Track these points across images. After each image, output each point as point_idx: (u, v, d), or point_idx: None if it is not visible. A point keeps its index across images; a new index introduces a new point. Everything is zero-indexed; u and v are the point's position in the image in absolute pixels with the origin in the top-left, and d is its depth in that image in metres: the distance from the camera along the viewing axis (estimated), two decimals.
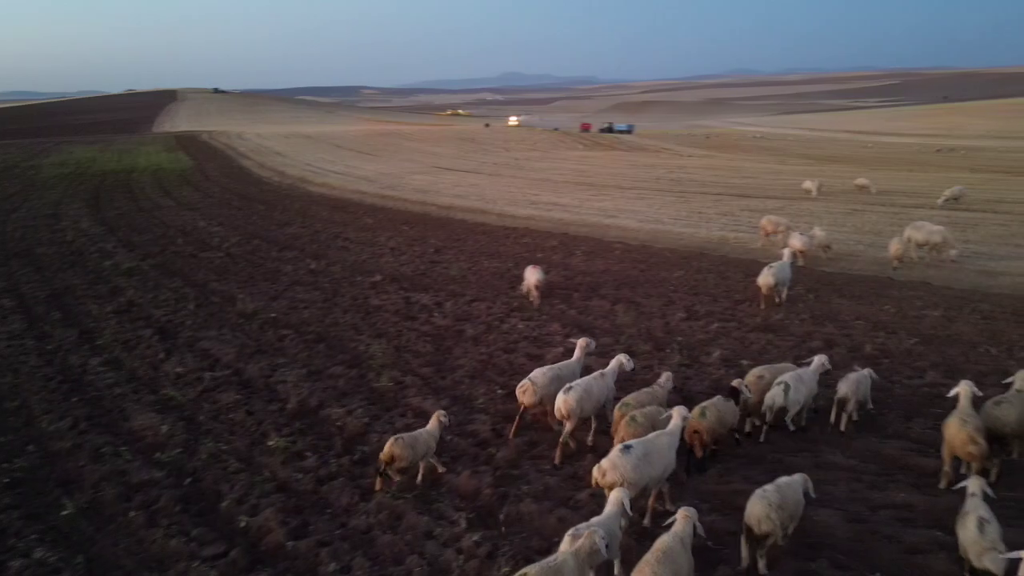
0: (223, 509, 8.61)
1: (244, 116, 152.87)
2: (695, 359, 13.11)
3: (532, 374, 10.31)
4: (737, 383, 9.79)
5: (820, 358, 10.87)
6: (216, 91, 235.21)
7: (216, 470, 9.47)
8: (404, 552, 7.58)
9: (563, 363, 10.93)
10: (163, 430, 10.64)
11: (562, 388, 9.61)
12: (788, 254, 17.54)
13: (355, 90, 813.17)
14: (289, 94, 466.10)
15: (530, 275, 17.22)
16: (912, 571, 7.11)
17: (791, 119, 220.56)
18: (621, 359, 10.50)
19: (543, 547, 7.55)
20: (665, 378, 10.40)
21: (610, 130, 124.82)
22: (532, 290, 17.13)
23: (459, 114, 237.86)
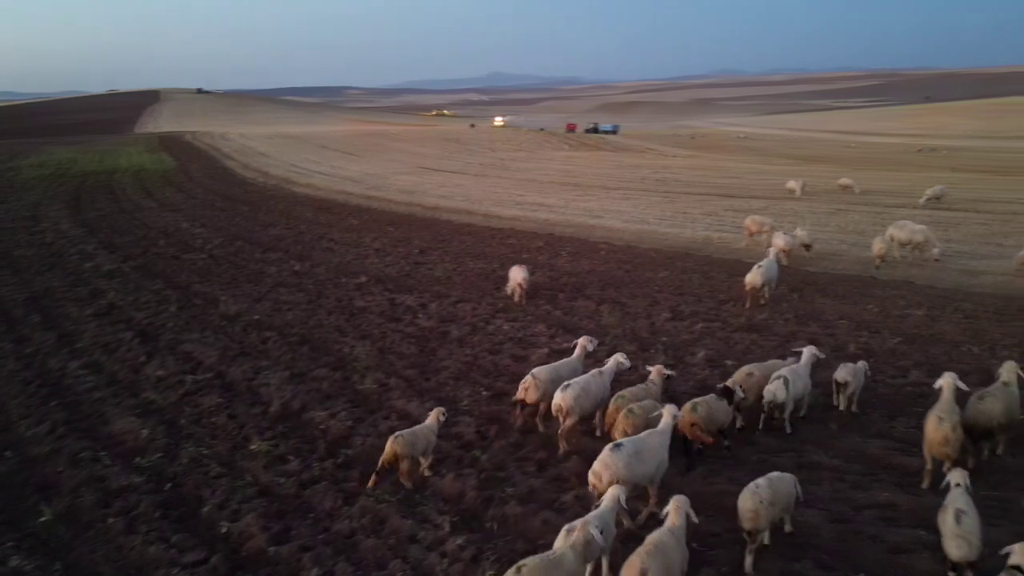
0: (204, 514, 8.50)
1: (228, 116, 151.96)
2: (680, 359, 13.10)
3: (534, 370, 10.43)
4: (732, 384, 9.83)
5: (809, 349, 11.04)
6: (200, 91, 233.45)
7: (197, 475, 9.35)
8: (387, 557, 7.51)
9: (564, 361, 11.09)
10: (143, 434, 10.48)
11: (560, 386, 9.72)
12: (773, 253, 17.90)
13: (340, 90, 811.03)
14: (273, 94, 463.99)
15: (515, 274, 17.22)
16: (896, 571, 7.12)
17: (775, 119, 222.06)
18: (618, 358, 10.62)
19: (528, 550, 7.49)
20: (655, 373, 10.40)
21: (595, 130, 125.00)
22: (516, 289, 17.11)
23: (444, 114, 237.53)
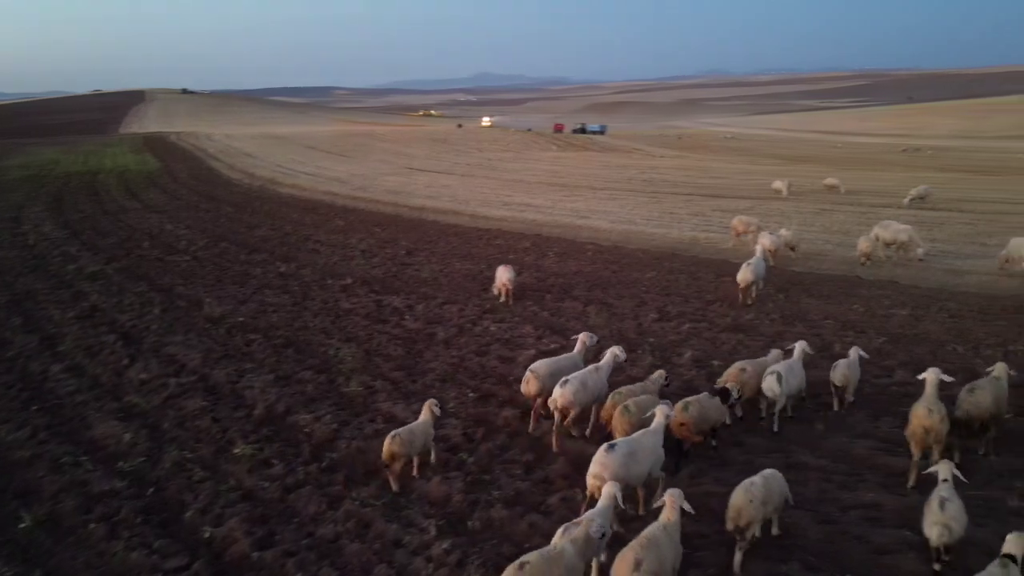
0: (187, 519, 8.40)
1: (213, 117, 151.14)
2: (667, 360, 13.09)
3: (533, 365, 10.54)
4: (729, 385, 9.91)
5: (800, 344, 11.21)
6: (185, 91, 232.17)
7: (180, 479, 9.25)
8: (372, 561, 7.44)
9: (564, 356, 11.21)
10: (126, 439, 10.38)
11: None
12: (760, 250, 18.30)
13: (327, 90, 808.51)
14: (260, 95, 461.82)
15: (501, 274, 17.21)
16: (881, 571, 7.13)
17: (762, 119, 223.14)
18: (615, 351, 10.67)
19: (514, 553, 7.43)
20: (658, 374, 10.57)
21: (583, 131, 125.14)
22: (502, 289, 17.09)
23: (431, 115, 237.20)
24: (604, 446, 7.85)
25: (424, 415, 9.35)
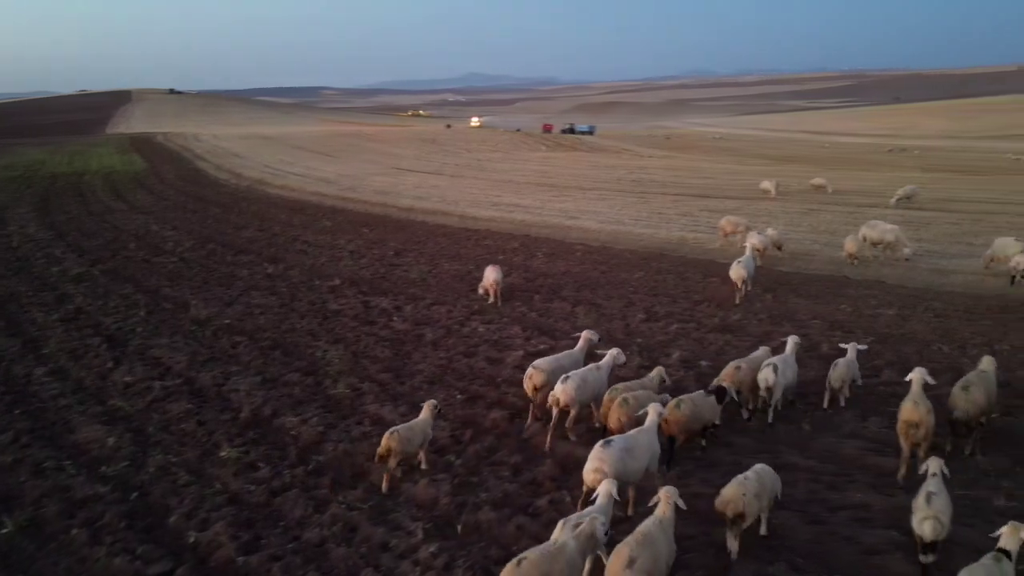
0: (171, 524, 8.30)
1: (201, 117, 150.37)
2: (655, 361, 13.04)
3: (536, 361, 10.70)
4: (727, 385, 10.01)
5: (792, 339, 11.48)
6: (172, 92, 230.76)
7: (164, 483, 9.15)
8: (359, 565, 7.38)
9: (566, 352, 11.37)
10: (109, 442, 10.26)
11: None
12: (750, 249, 18.73)
13: (315, 91, 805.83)
14: (247, 95, 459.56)
15: (489, 274, 17.18)
16: (870, 572, 7.12)
17: (750, 120, 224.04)
18: (614, 352, 10.84)
19: (501, 556, 7.40)
20: (656, 372, 10.73)
21: (572, 131, 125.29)
22: (491, 289, 17.04)
23: (420, 115, 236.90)
24: (601, 442, 7.95)
25: (424, 414, 9.43)
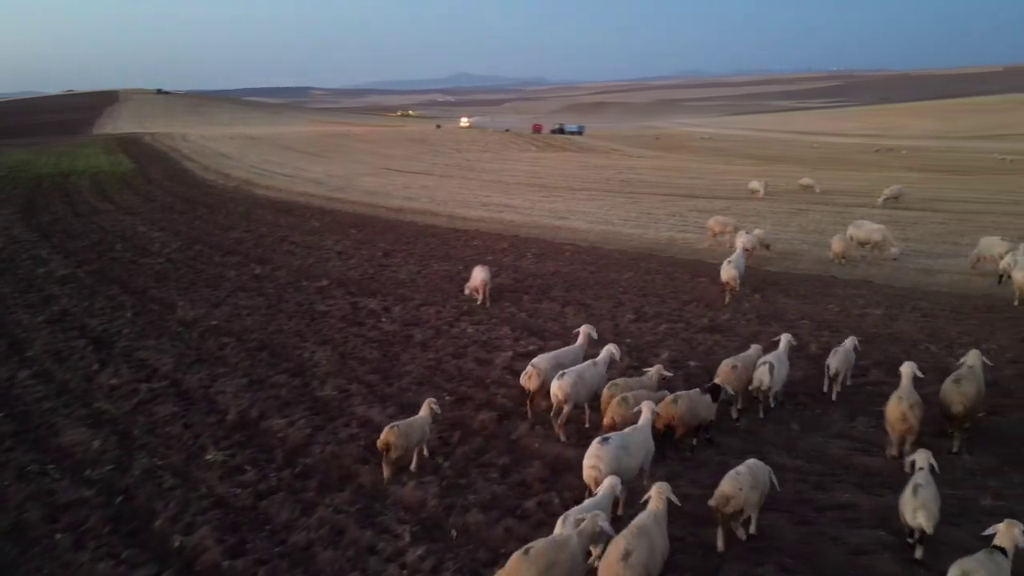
0: (156, 528, 8.22)
1: (188, 117, 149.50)
2: (644, 361, 13.05)
3: (535, 359, 10.80)
4: (721, 383, 10.12)
5: (785, 336, 11.70)
6: (159, 92, 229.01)
7: (150, 487, 9.06)
8: (345, 569, 7.33)
9: (565, 348, 11.51)
10: (94, 446, 10.16)
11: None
12: (740, 248, 18.88)
13: (304, 91, 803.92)
14: (236, 95, 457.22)
15: (477, 275, 17.12)
16: (857, 572, 7.13)
17: (739, 120, 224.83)
18: (611, 348, 10.93)
19: (490, 559, 7.39)
20: (655, 369, 10.84)
21: (561, 131, 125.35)
22: (480, 288, 17.00)
23: (409, 115, 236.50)
24: (598, 439, 8.00)
25: (423, 412, 9.54)
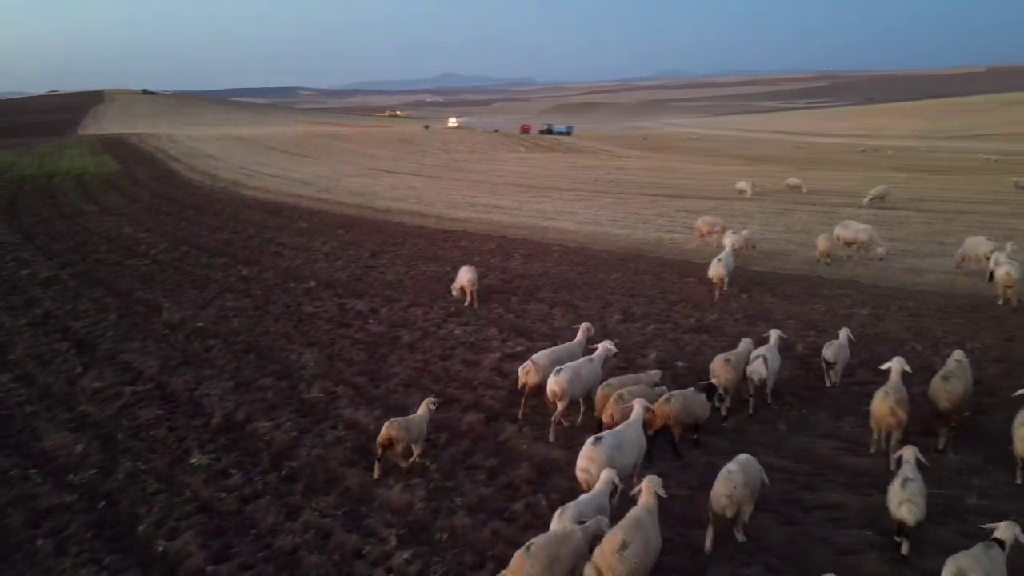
0: (139, 533, 8.14)
1: (175, 118, 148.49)
2: (631, 362, 13.06)
3: (535, 355, 10.86)
4: (716, 383, 10.23)
5: (775, 332, 11.85)
6: (145, 92, 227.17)
7: (133, 491, 8.97)
8: (331, 573, 7.28)
9: (564, 345, 11.62)
10: (77, 450, 10.06)
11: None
12: (729, 247, 19.03)
13: (292, 91, 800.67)
14: (223, 95, 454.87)
15: (463, 275, 17.04)
16: (844, 572, 7.11)
17: (726, 120, 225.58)
18: (607, 345, 11.04)
19: (476, 562, 7.36)
20: (655, 372, 11.00)
21: (549, 132, 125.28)
22: (467, 288, 16.95)
23: (398, 115, 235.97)
24: (591, 439, 8.01)
25: (421, 410, 9.57)
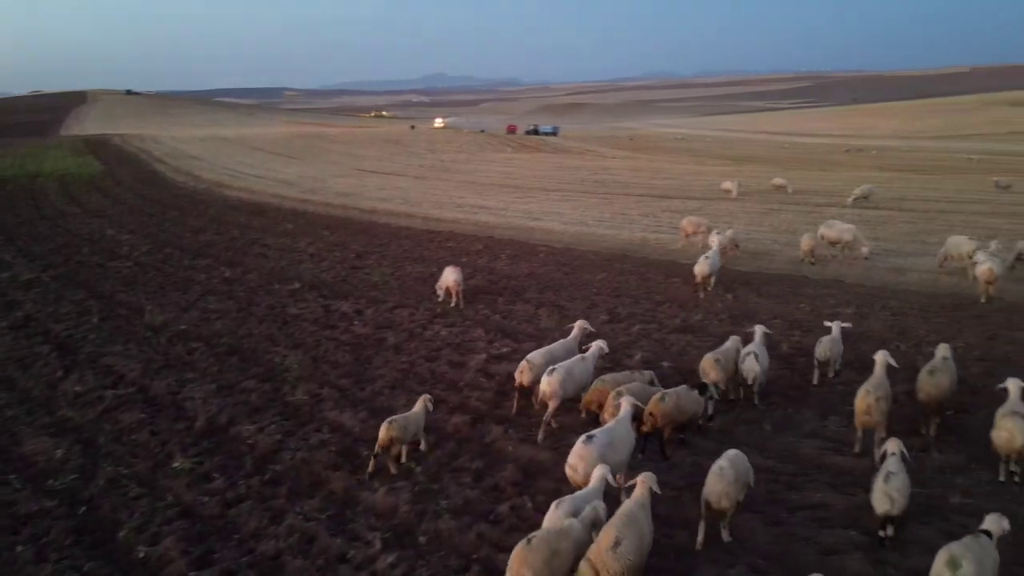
0: (120, 539, 8.05)
1: (159, 118, 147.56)
2: (617, 362, 13.04)
3: (530, 354, 10.89)
4: (709, 382, 10.34)
5: (760, 328, 11.94)
6: (129, 92, 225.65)
7: (114, 496, 8.88)
8: None
9: (559, 343, 11.63)
10: (57, 455, 9.95)
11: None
12: (716, 246, 19.06)
13: (277, 92, 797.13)
14: (207, 96, 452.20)
15: (448, 275, 16.98)
16: (829, 572, 7.12)
17: (711, 120, 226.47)
18: (600, 343, 11.13)
19: (461, 566, 7.32)
20: (648, 372, 11.07)
21: (535, 132, 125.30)
22: (452, 289, 16.90)
23: (384, 116, 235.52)
24: (583, 437, 7.99)
25: (417, 407, 9.62)
